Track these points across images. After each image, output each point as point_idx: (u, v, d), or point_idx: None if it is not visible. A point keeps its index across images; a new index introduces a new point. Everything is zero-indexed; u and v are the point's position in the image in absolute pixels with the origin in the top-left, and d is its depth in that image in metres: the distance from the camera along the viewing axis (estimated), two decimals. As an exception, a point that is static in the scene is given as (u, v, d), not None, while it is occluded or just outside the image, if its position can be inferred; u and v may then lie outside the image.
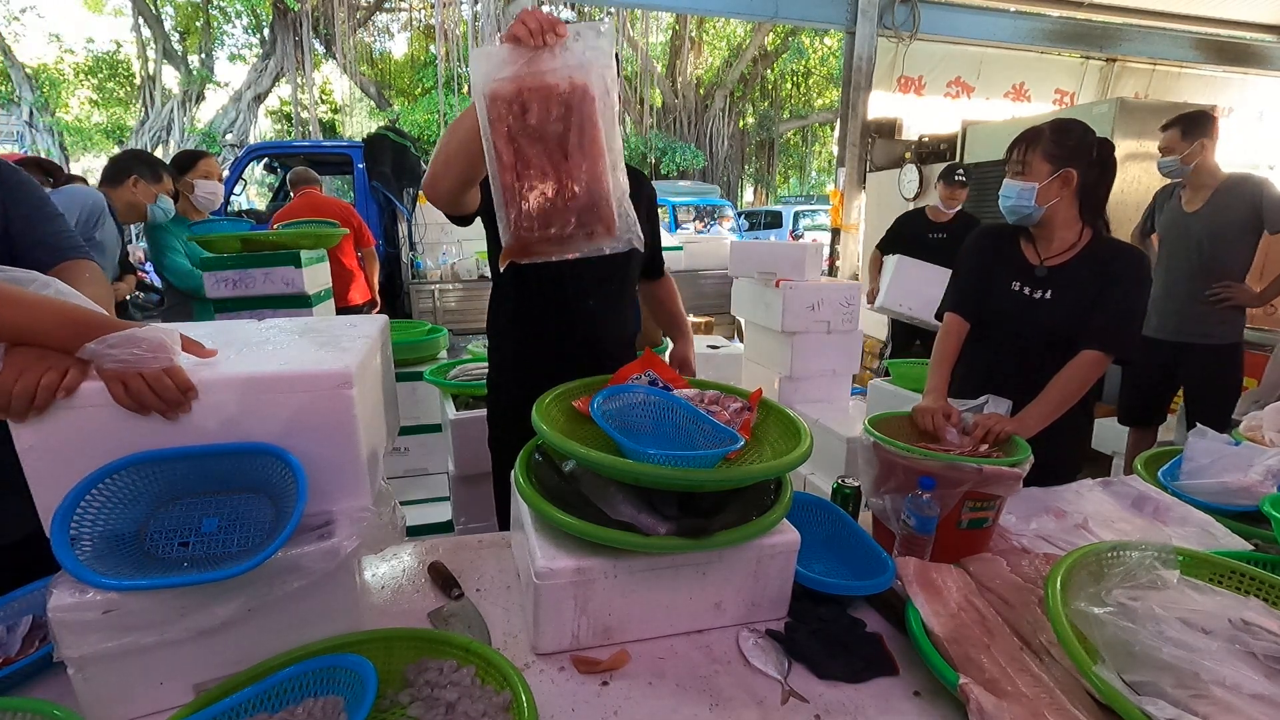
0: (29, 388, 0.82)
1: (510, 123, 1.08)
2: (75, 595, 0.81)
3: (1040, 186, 1.64)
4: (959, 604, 1.07)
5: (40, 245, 1.19)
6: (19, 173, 1.23)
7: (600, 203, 1.12)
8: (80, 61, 16.86)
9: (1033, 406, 1.56)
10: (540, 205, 1.11)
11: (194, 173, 2.97)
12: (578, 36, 1.09)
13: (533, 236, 1.12)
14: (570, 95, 1.08)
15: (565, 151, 1.09)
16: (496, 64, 1.08)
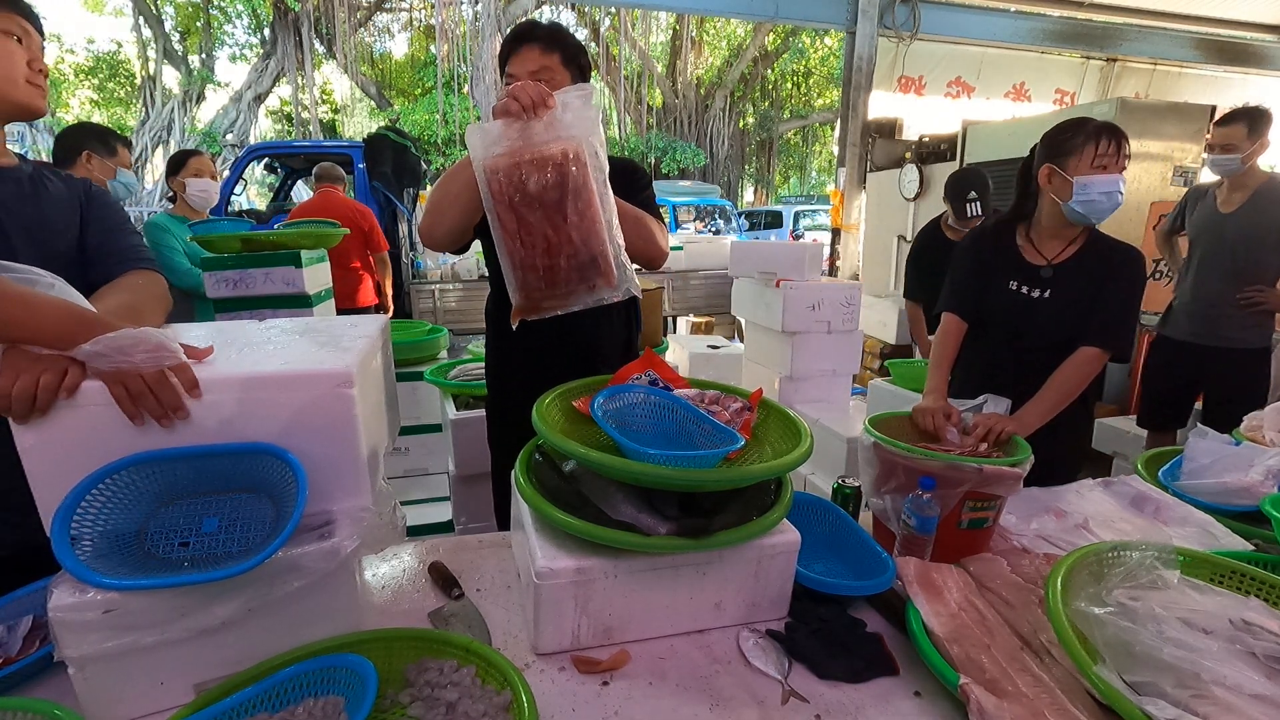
0: (28, 389, 0.82)
1: (511, 193, 1.17)
2: (75, 595, 0.81)
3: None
4: (959, 604, 1.07)
5: (113, 255, 1.26)
6: (106, 195, 1.33)
7: (599, 258, 1.22)
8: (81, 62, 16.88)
9: (1031, 405, 1.57)
10: (545, 266, 1.21)
11: (185, 171, 2.93)
12: (565, 106, 1.18)
13: (540, 295, 1.23)
14: (564, 162, 1.17)
15: (564, 215, 1.18)
16: (493, 139, 1.17)
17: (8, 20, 1.10)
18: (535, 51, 1.46)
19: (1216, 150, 2.68)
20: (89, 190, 1.29)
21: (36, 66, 1.15)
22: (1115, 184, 1.59)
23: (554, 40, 1.48)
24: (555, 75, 1.48)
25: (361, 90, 17.00)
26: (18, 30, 1.12)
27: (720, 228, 11.85)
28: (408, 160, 6.33)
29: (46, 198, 1.20)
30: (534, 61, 1.46)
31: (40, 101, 1.17)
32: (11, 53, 1.11)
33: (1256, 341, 2.77)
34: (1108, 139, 1.58)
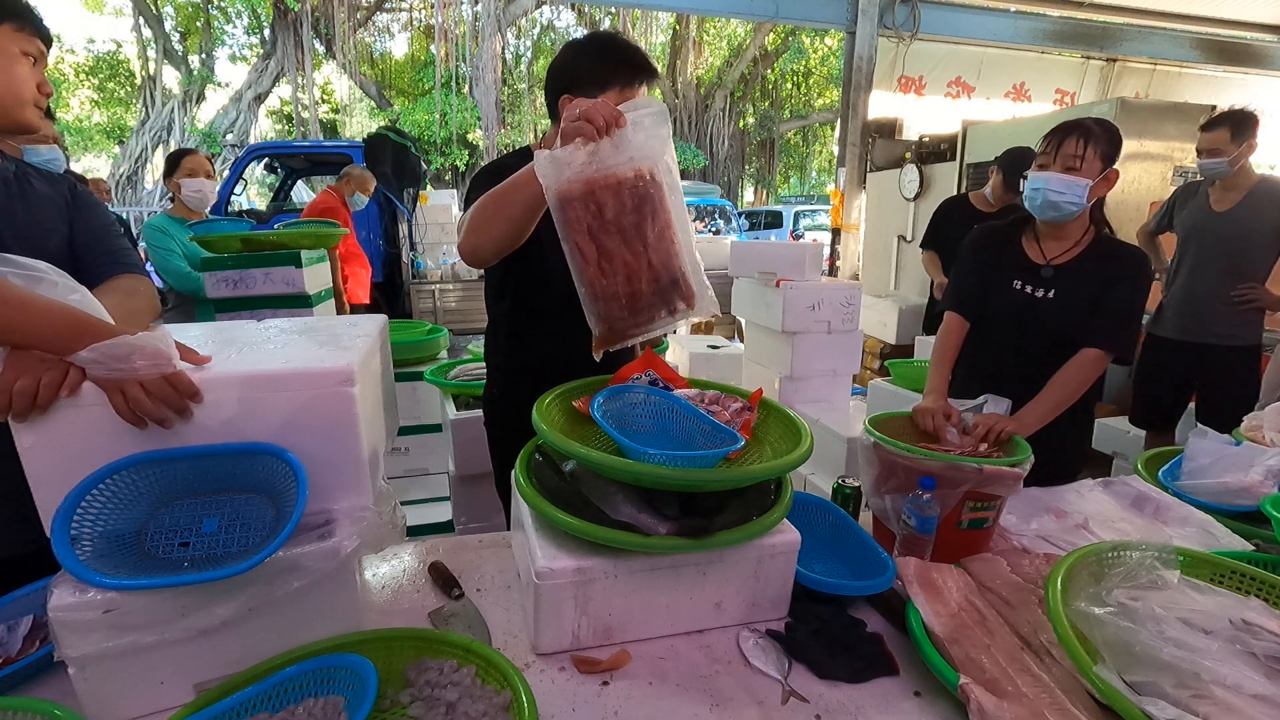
0: (30, 387, 0.82)
1: (589, 221, 1.12)
2: (76, 595, 0.81)
3: (1092, 184, 1.61)
4: (959, 604, 1.07)
5: (101, 257, 1.26)
6: (91, 195, 1.33)
7: (680, 280, 1.17)
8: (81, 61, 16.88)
9: (1032, 405, 1.57)
10: (627, 294, 1.16)
11: (180, 172, 2.89)
12: (637, 126, 1.12)
13: (625, 324, 1.18)
14: (639, 185, 1.12)
15: (643, 239, 1.13)
16: (565, 164, 1.11)
17: (29, 42, 1.13)
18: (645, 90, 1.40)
19: (1204, 155, 2.72)
20: (74, 190, 1.29)
21: (45, 90, 1.17)
22: (1068, 186, 1.60)
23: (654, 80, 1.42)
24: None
25: (361, 90, 17.01)
26: (35, 53, 1.14)
27: (720, 228, 11.86)
28: (408, 160, 6.33)
29: (34, 196, 1.20)
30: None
31: (40, 122, 1.20)
32: (27, 76, 1.14)
33: (1248, 339, 2.79)
34: (1075, 140, 1.61)
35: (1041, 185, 1.63)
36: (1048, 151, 1.64)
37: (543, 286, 1.64)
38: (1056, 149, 1.62)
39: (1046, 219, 1.68)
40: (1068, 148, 1.61)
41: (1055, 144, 1.63)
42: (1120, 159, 1.67)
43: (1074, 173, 1.60)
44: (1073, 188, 1.60)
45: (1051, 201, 1.62)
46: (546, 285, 1.63)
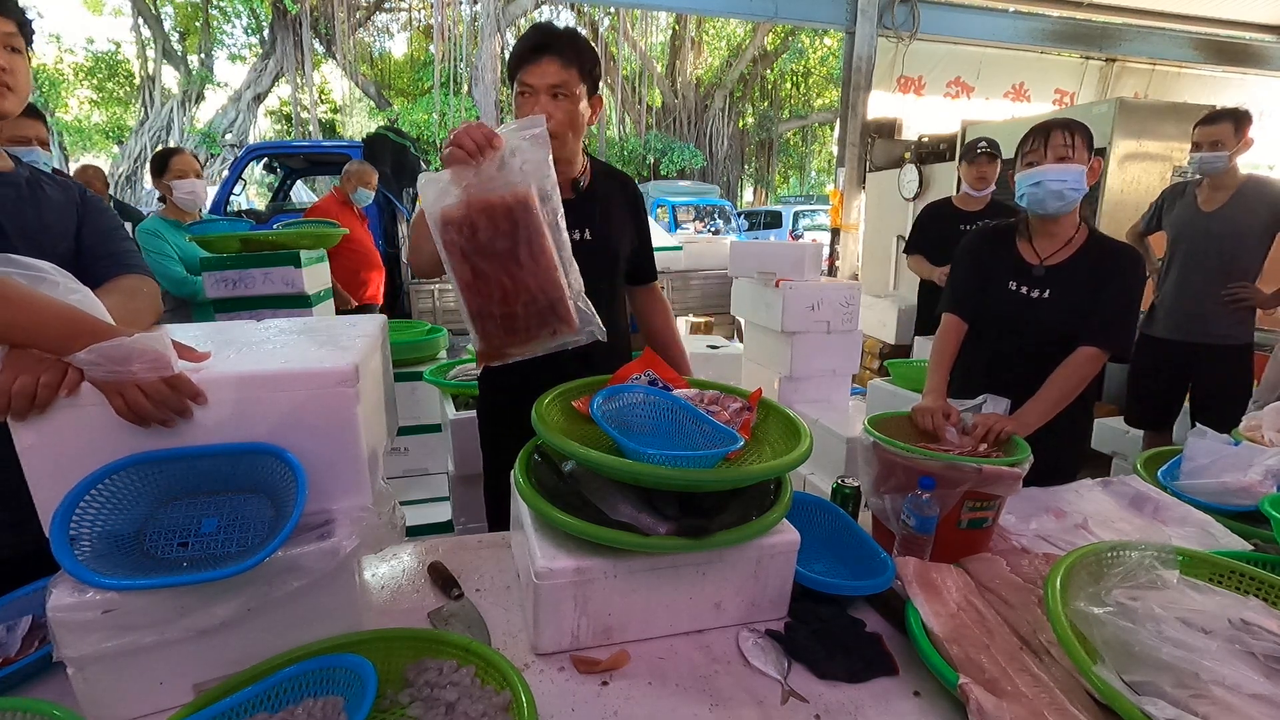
0: (28, 387, 0.82)
1: (462, 244, 1.15)
2: (75, 595, 0.81)
3: (1085, 171, 1.62)
4: (959, 604, 1.07)
5: (105, 259, 1.25)
6: (99, 200, 1.32)
7: (557, 304, 1.19)
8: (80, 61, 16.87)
9: (1031, 404, 1.57)
10: (502, 314, 1.18)
11: (169, 174, 2.84)
12: (514, 151, 1.15)
13: (501, 342, 1.20)
14: (514, 208, 1.14)
15: (518, 262, 1.16)
16: (443, 188, 1.15)
17: None
18: (555, 65, 1.43)
19: (1205, 148, 2.71)
20: (84, 195, 1.29)
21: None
22: (1068, 174, 1.61)
23: (574, 52, 1.44)
24: (575, 89, 1.46)
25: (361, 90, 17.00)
26: None
27: (720, 228, 11.85)
28: (407, 160, 6.33)
29: (45, 201, 1.20)
30: (554, 75, 1.43)
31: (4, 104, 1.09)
32: None
33: (1240, 337, 2.80)
34: (1034, 137, 1.65)
35: (1040, 178, 1.63)
36: (1035, 149, 1.65)
37: None
38: (1045, 144, 1.64)
39: (1051, 211, 1.67)
40: (1056, 140, 1.62)
41: (1042, 140, 1.64)
42: (1120, 158, 1.68)
43: (1067, 161, 1.61)
44: (1072, 174, 1.61)
45: (1054, 191, 1.62)
46: None
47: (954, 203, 3.56)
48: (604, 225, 1.62)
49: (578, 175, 1.60)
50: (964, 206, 3.49)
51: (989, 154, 3.35)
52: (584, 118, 1.51)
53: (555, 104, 1.45)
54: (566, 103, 1.45)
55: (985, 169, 3.37)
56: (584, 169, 1.62)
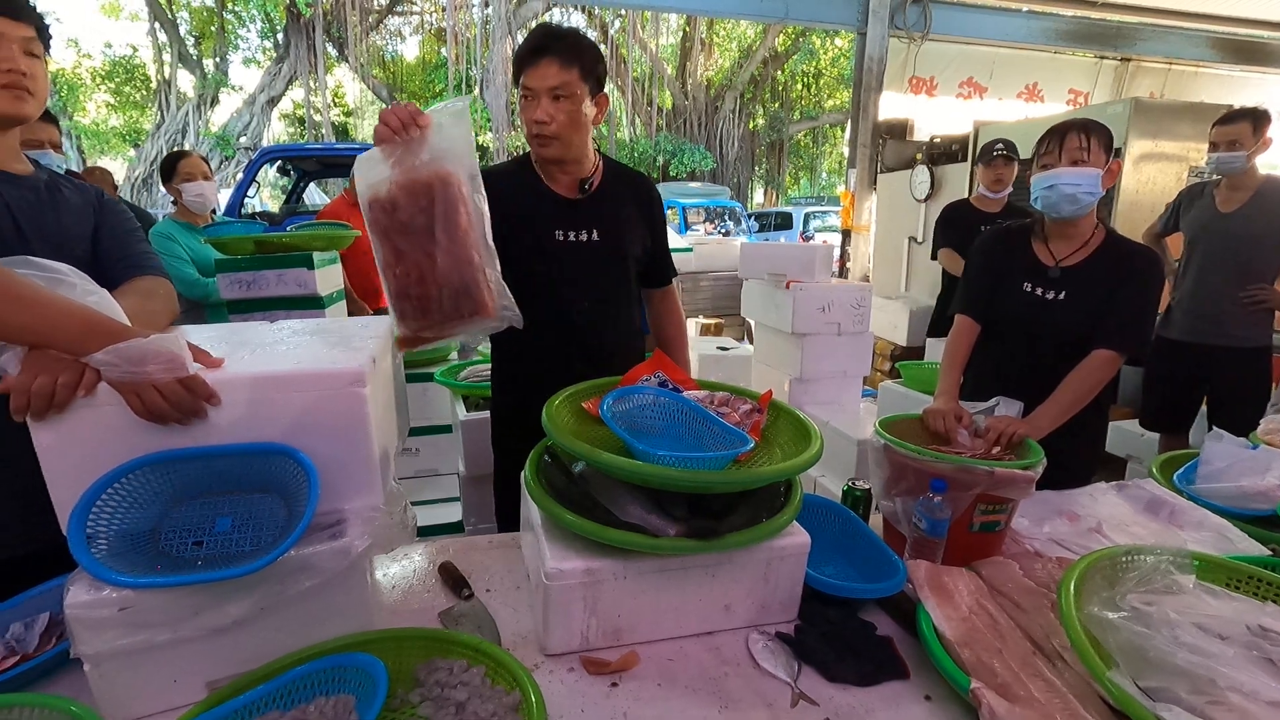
0: (47, 386, 0.84)
1: (385, 222, 1.14)
2: (92, 592, 0.82)
3: (1102, 175, 1.60)
4: (970, 607, 1.06)
5: (122, 261, 1.27)
6: (117, 203, 1.34)
7: (471, 286, 1.16)
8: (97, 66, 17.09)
9: (1045, 407, 1.55)
10: (418, 295, 1.16)
11: (177, 177, 2.84)
12: (438, 128, 1.14)
13: (418, 325, 1.18)
14: (433, 184, 1.13)
15: (434, 239, 1.14)
16: (373, 167, 1.14)
17: None
18: (555, 67, 1.44)
19: (1222, 148, 2.67)
20: (101, 198, 1.31)
21: (5, 66, 1.06)
22: (1082, 177, 1.60)
23: (574, 53, 1.45)
24: (576, 90, 1.46)
25: (373, 93, 17.12)
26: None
27: (730, 229, 11.84)
28: (419, 162, 6.35)
29: (63, 205, 1.22)
30: (554, 77, 1.44)
31: (19, 105, 1.10)
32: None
33: (1258, 340, 2.76)
34: (1048, 139, 1.64)
35: (1054, 181, 1.62)
36: (1050, 151, 1.64)
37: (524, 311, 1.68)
38: (1060, 146, 1.62)
39: (1065, 215, 1.65)
40: (1071, 143, 1.60)
41: (1057, 142, 1.62)
42: (1135, 159, 1.66)
43: (1082, 165, 1.60)
44: (1086, 177, 1.59)
45: (1068, 194, 1.61)
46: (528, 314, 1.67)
47: (972, 204, 3.56)
48: (613, 226, 1.63)
49: (587, 175, 1.61)
50: (982, 208, 3.49)
51: (1005, 156, 3.33)
52: (588, 117, 1.52)
53: (556, 106, 1.46)
54: (567, 104, 1.46)
55: (1002, 171, 3.36)
56: (595, 168, 1.63)
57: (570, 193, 1.61)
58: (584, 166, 1.60)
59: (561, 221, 1.60)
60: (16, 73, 1.07)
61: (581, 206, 1.61)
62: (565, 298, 1.63)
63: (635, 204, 1.66)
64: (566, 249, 1.60)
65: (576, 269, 1.62)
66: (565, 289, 1.63)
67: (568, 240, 1.60)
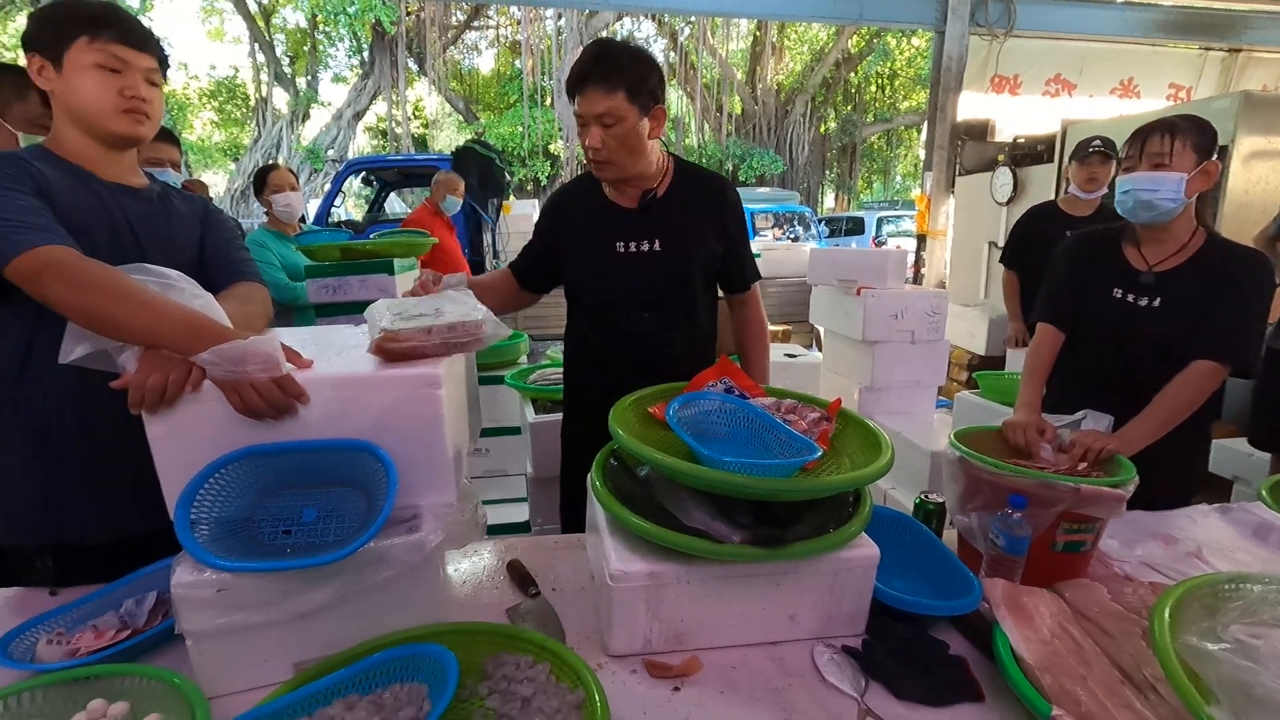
0: (160, 383, 0.92)
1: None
2: (194, 574, 0.88)
3: (1188, 178, 1.50)
4: (1052, 630, 1.01)
5: (224, 267, 1.36)
6: (221, 212, 1.45)
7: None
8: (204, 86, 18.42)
9: (1137, 422, 1.46)
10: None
11: (267, 189, 3.05)
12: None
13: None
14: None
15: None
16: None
17: (100, 53, 1.12)
18: (598, 93, 1.44)
19: None
20: (206, 208, 1.41)
21: (129, 94, 1.15)
22: (1160, 182, 1.51)
23: (616, 77, 1.44)
24: (624, 114, 1.45)
25: (450, 105, 17.79)
26: (112, 62, 1.14)
27: (799, 234, 11.65)
28: (492, 171, 6.57)
29: (174, 215, 1.32)
30: (599, 104, 1.44)
31: (137, 128, 1.18)
32: (101, 84, 1.13)
33: None
34: (1159, 136, 1.52)
35: (1130, 186, 1.54)
36: (1132, 155, 1.55)
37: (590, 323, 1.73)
38: (1140, 149, 1.53)
39: (1142, 221, 1.58)
40: (1151, 146, 1.52)
41: (1139, 145, 1.54)
42: (1245, 157, 1.54)
43: (1163, 169, 1.50)
44: (1164, 183, 1.50)
45: (1144, 201, 1.52)
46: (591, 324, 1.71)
47: (1059, 206, 3.31)
48: (677, 234, 1.62)
49: (651, 186, 1.62)
50: (1070, 210, 3.23)
51: (1102, 153, 3.06)
52: (641, 136, 1.51)
53: (606, 132, 1.47)
54: (616, 128, 1.47)
55: (1097, 169, 3.09)
56: (663, 176, 1.63)
57: (633, 204, 1.63)
58: (647, 179, 1.61)
59: (623, 233, 1.62)
60: (138, 99, 1.17)
61: (643, 217, 1.62)
62: (627, 309, 1.65)
63: (705, 209, 1.65)
64: (627, 260, 1.62)
65: (638, 280, 1.63)
66: (626, 300, 1.65)
67: (628, 251, 1.62)
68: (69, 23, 1.12)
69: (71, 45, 1.12)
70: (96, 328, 0.96)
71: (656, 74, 1.51)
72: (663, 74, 1.55)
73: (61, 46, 1.12)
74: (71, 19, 1.12)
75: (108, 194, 1.20)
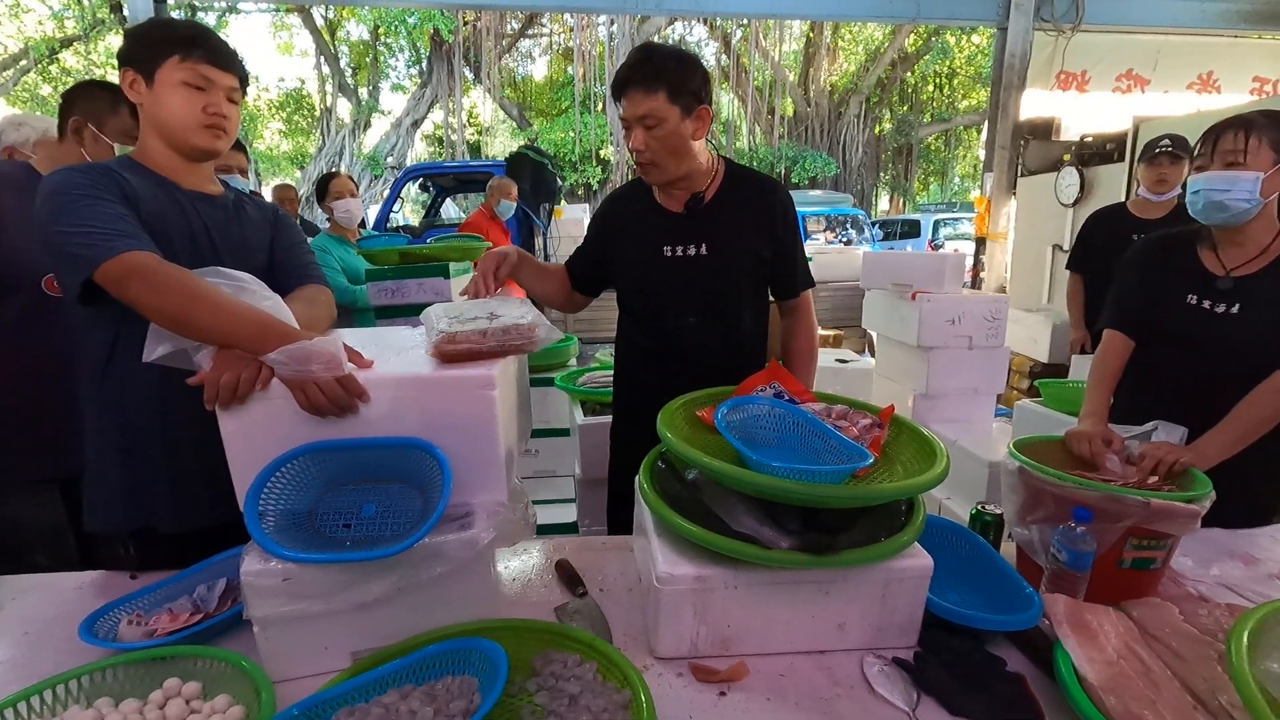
0: (233, 381, 0.97)
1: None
2: (262, 563, 0.93)
3: (1265, 177, 1.42)
4: (1119, 650, 0.97)
5: (291, 270, 1.43)
6: (288, 217, 1.51)
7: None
8: (273, 98, 19.26)
9: (1213, 435, 1.38)
10: None
11: (329, 196, 3.20)
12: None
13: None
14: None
15: None
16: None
17: (189, 72, 1.20)
18: (639, 95, 1.46)
19: None
20: (276, 214, 1.48)
21: (212, 111, 1.22)
22: (1233, 182, 1.44)
23: (656, 78, 1.45)
24: (664, 115, 1.46)
25: (504, 112, 18.13)
26: (198, 80, 1.21)
27: (852, 238, 11.44)
28: (545, 177, 6.68)
29: (246, 221, 1.39)
30: (641, 106, 1.46)
31: (215, 143, 1.26)
32: (186, 100, 1.20)
33: None
34: (1233, 133, 1.45)
35: (1201, 186, 1.47)
36: (1204, 153, 1.48)
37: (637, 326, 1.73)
38: (1213, 148, 1.46)
39: (1214, 222, 1.51)
40: (1225, 144, 1.44)
41: (1211, 143, 1.47)
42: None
43: (1237, 167, 1.43)
44: (1238, 183, 1.42)
45: (1215, 201, 1.45)
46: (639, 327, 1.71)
47: (1129, 209, 3.13)
48: (724, 239, 1.61)
49: (699, 189, 1.61)
50: (1140, 213, 3.06)
51: (1171, 153, 2.89)
52: (684, 137, 1.51)
53: (647, 134, 1.49)
54: (657, 129, 1.48)
55: (1166, 170, 2.92)
56: (714, 178, 1.63)
57: (680, 208, 1.63)
58: (695, 181, 1.61)
59: (670, 237, 1.63)
60: (219, 115, 1.25)
61: (690, 221, 1.62)
62: (672, 313, 1.66)
63: (753, 211, 1.64)
64: (674, 264, 1.63)
65: (683, 284, 1.63)
66: (672, 304, 1.65)
67: (675, 255, 1.62)
68: (163, 42, 1.20)
69: (164, 63, 1.20)
70: (175, 328, 1.03)
71: (699, 75, 1.51)
72: (707, 75, 1.54)
73: (154, 64, 1.20)
74: (165, 39, 1.20)
75: (187, 202, 1.28)
